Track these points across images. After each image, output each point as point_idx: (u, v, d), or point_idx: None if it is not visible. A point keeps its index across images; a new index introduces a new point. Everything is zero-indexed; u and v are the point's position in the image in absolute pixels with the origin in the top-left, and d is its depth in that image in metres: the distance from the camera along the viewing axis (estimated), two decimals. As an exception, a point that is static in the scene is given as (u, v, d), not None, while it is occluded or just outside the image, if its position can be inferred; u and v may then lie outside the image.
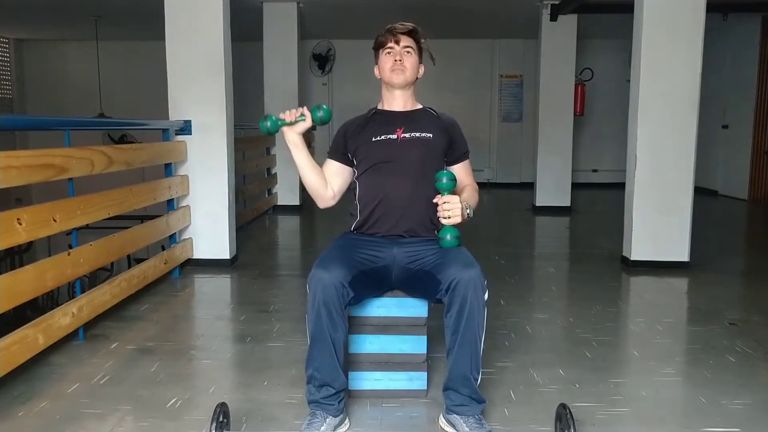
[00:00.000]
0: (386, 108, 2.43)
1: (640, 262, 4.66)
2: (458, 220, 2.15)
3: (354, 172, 2.42)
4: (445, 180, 2.17)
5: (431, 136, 2.36)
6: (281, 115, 2.23)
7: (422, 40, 2.39)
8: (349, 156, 2.41)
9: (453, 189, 2.19)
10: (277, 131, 2.25)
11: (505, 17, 8.58)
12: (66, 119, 4.16)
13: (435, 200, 2.20)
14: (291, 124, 2.24)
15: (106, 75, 9.86)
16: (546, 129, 7.62)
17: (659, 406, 2.45)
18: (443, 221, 2.17)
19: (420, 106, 2.46)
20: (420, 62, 2.40)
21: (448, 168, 2.37)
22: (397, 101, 2.41)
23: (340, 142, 2.43)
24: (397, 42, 2.34)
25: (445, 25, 8.67)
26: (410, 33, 2.35)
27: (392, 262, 2.28)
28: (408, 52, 2.34)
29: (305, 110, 2.23)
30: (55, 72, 11.11)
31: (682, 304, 4.06)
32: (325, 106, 2.24)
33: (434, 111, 2.46)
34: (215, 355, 2.98)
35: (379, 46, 2.38)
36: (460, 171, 2.41)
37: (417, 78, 2.40)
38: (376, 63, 2.40)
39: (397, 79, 2.34)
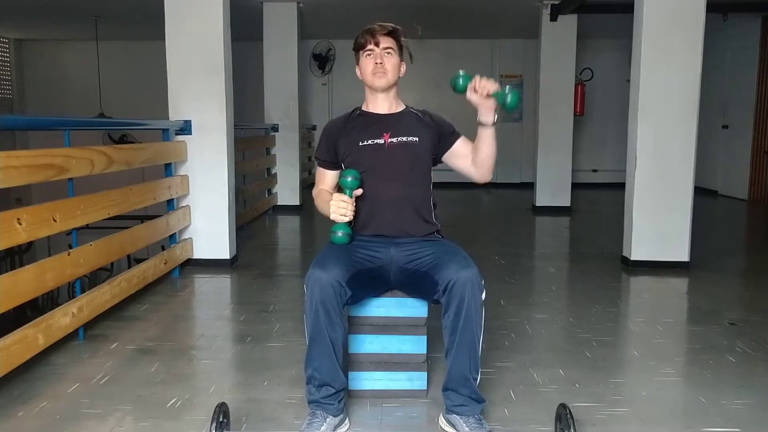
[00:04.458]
0: (371, 110, 2.42)
1: (640, 262, 4.66)
2: (496, 86, 2.09)
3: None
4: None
5: (417, 139, 2.34)
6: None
7: (402, 38, 2.37)
8: (338, 160, 2.40)
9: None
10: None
11: (505, 17, 8.58)
12: (66, 119, 4.15)
13: (471, 86, 2.11)
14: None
15: (106, 75, 9.87)
16: (546, 129, 7.62)
17: (659, 406, 2.45)
18: (488, 90, 2.09)
19: (403, 107, 2.46)
20: (401, 60, 2.38)
21: (452, 152, 2.38)
22: (381, 103, 2.40)
23: (329, 149, 2.41)
24: (377, 44, 2.32)
25: (445, 25, 8.66)
26: (390, 33, 2.34)
27: (389, 262, 2.28)
28: (388, 53, 2.33)
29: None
30: (55, 72, 11.13)
31: (682, 304, 4.06)
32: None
33: (414, 110, 2.45)
34: (215, 355, 2.98)
35: (359, 48, 2.37)
36: (464, 146, 2.38)
37: (399, 77, 2.39)
38: (357, 64, 2.40)
39: (379, 82, 2.34)
